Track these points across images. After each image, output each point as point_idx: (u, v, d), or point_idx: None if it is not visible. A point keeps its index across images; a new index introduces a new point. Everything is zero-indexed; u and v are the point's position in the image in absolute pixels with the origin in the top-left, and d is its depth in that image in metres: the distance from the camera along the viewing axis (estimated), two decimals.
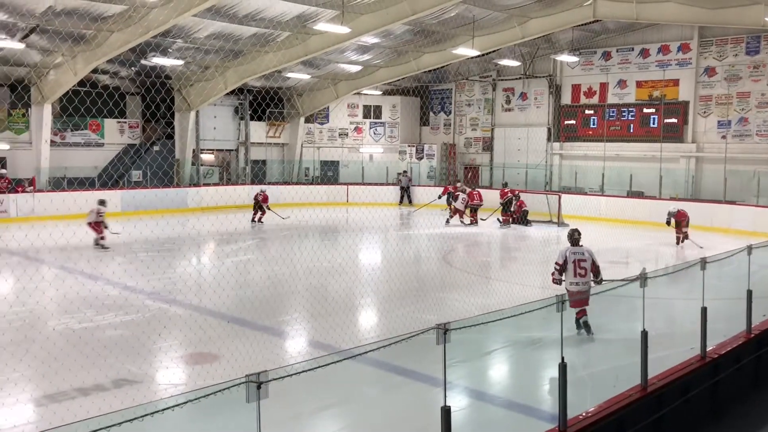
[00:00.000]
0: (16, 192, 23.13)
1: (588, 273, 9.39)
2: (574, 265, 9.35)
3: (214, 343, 8.98)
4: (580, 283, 9.32)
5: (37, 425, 6.42)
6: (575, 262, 9.36)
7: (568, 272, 9.39)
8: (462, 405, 7.02)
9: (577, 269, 9.34)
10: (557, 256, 9.53)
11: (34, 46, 21.67)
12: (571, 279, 9.37)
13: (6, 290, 12.19)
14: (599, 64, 27.86)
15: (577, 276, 9.34)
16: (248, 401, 3.85)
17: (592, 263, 9.41)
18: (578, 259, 9.38)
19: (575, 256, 9.40)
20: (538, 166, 29.21)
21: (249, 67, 25.23)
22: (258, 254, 16.80)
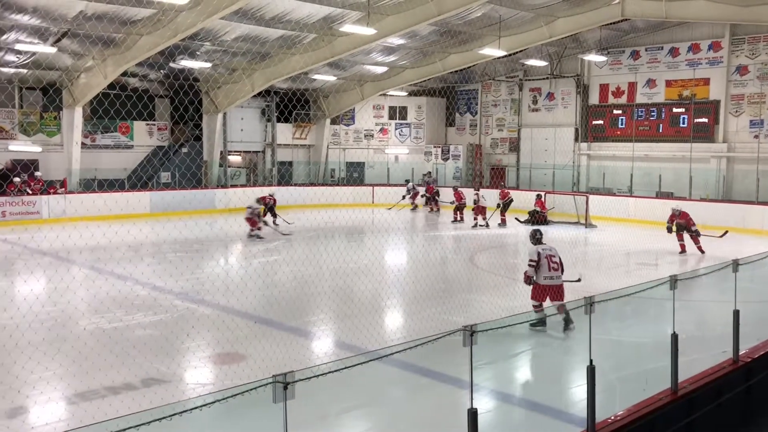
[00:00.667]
0: (48, 194, 23.54)
1: (560, 267, 9.83)
2: (547, 261, 9.76)
3: (241, 343, 9.03)
4: (554, 277, 9.74)
5: (68, 423, 6.52)
6: (548, 258, 9.79)
7: (542, 268, 9.76)
8: (489, 407, 6.97)
9: (550, 264, 9.75)
10: (530, 255, 9.87)
11: (65, 50, 22.04)
12: (545, 273, 9.74)
13: (38, 290, 12.40)
14: (627, 63, 27.54)
15: (551, 270, 9.74)
16: (275, 402, 3.86)
17: (560, 259, 9.90)
18: (549, 255, 9.83)
19: (546, 252, 9.85)
20: (565, 167, 28.95)
21: (276, 69, 25.39)
22: (284, 255, 16.88)
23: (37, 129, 25.72)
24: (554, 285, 9.71)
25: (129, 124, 28.05)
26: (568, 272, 10.11)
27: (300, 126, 31.82)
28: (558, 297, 9.65)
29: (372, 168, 32.85)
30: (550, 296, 9.67)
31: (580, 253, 19.05)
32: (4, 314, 9.90)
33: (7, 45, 20.80)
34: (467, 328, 4.88)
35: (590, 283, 13.06)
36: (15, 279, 13.09)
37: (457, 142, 33.10)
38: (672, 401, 6.35)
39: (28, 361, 7.92)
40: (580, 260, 17.83)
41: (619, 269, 15.50)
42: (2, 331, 9.07)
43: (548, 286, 9.71)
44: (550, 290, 9.71)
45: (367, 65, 27.75)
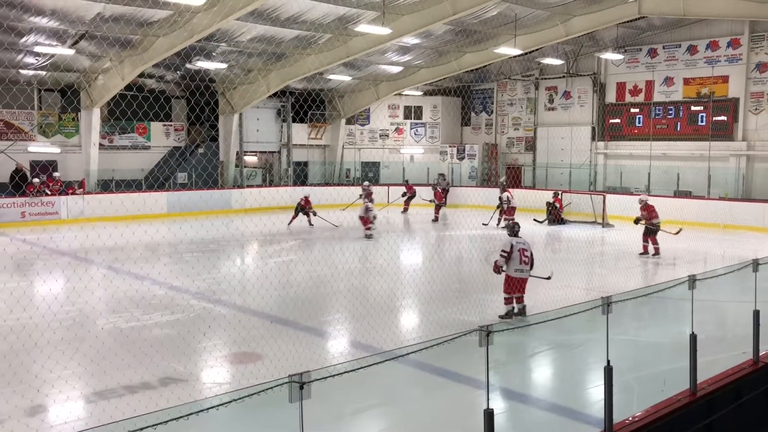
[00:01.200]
0: (66, 194, 23.78)
1: (530, 261, 10.27)
2: (519, 254, 10.19)
3: (257, 342, 9.07)
4: (524, 270, 10.22)
5: (86, 422, 6.58)
6: (520, 251, 10.21)
7: (514, 260, 10.19)
8: (505, 407, 6.95)
9: (522, 257, 10.19)
10: (504, 245, 10.27)
11: (83, 52, 22.25)
12: (516, 266, 10.19)
13: (57, 290, 12.53)
14: (645, 61, 27.32)
15: (522, 263, 10.19)
16: (291, 401, 3.88)
17: (531, 254, 10.32)
18: (522, 248, 10.26)
19: (520, 245, 10.27)
20: (582, 166, 28.79)
21: (291, 69, 25.47)
22: (300, 255, 16.93)
23: (55, 130, 26.00)
24: (523, 278, 10.21)
25: (146, 125, 28.27)
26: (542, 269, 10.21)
27: (315, 126, 31.90)
28: (522, 290, 10.26)
29: (387, 168, 32.85)
30: (516, 288, 10.21)
31: (597, 253, 18.94)
32: (24, 314, 10.01)
33: (26, 47, 21.03)
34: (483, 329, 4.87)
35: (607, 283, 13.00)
36: (34, 279, 13.24)
37: (472, 141, 33.03)
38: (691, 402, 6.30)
39: (47, 360, 8.01)
40: (597, 260, 17.75)
41: (637, 269, 15.39)
42: (22, 330, 9.17)
43: (518, 279, 10.19)
44: (519, 282, 10.20)
45: (383, 65, 27.76)
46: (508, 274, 10.23)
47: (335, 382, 4.17)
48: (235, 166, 29.07)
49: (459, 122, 34.11)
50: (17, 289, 11.26)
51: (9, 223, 21.20)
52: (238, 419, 5.86)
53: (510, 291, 10.26)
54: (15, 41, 20.15)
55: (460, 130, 34.15)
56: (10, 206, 21.85)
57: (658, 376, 7.83)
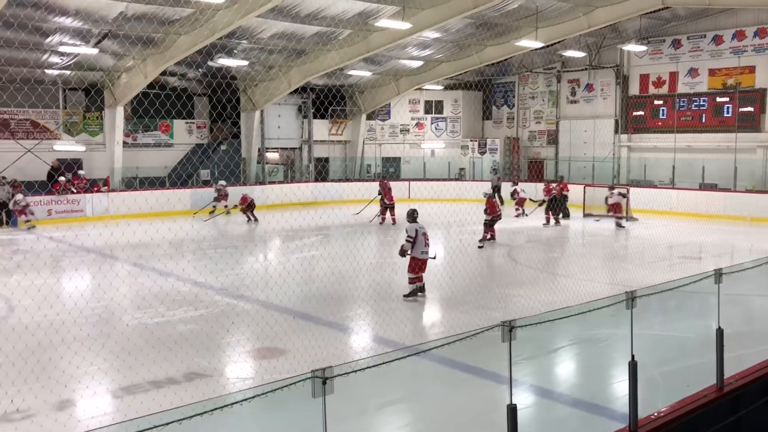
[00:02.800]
0: (91, 192, 24.08)
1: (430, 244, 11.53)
2: (423, 237, 11.38)
3: (280, 338, 9.12)
4: (427, 252, 11.41)
5: (113, 416, 6.67)
6: (424, 235, 11.40)
7: (419, 243, 11.30)
8: (528, 403, 6.92)
9: (426, 240, 11.40)
10: (408, 231, 11.36)
11: (106, 51, 22.49)
12: (422, 249, 11.34)
13: (83, 287, 12.70)
14: (669, 52, 26.96)
15: (426, 246, 11.39)
16: (314, 396, 3.90)
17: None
18: (424, 233, 11.43)
19: (422, 230, 11.44)
20: (605, 159, 28.52)
21: (312, 65, 25.53)
22: (322, 250, 16.99)
23: (80, 129, 26.33)
24: (426, 259, 11.38)
25: (169, 123, 28.51)
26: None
27: (336, 122, 31.95)
28: (424, 270, 11.43)
29: (408, 163, 32.80)
30: (419, 268, 11.30)
31: (621, 247, 18.76)
32: (51, 310, 10.16)
33: (51, 47, 21.31)
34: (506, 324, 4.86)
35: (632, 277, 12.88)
36: (61, 276, 13.43)
37: (494, 135, 32.87)
38: (718, 398, 6.23)
39: (74, 356, 8.13)
40: (621, 254, 17.59)
41: (662, 263, 15.22)
42: (49, 327, 9.32)
43: (423, 260, 11.33)
44: (424, 263, 11.32)
45: (403, 60, 27.71)
46: (414, 256, 11.27)
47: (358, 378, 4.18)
48: (257, 163, 29.22)
49: (480, 116, 33.95)
50: (44, 286, 11.43)
51: (36, 221, 21.53)
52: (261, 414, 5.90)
53: (416, 271, 11.28)
54: (40, 41, 20.43)
55: (481, 124, 33.99)
56: (36, 204, 22.18)
57: (684, 371, 7.75)
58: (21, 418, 6.59)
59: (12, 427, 6.34)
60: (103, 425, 6.06)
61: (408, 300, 11.23)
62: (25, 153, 24.47)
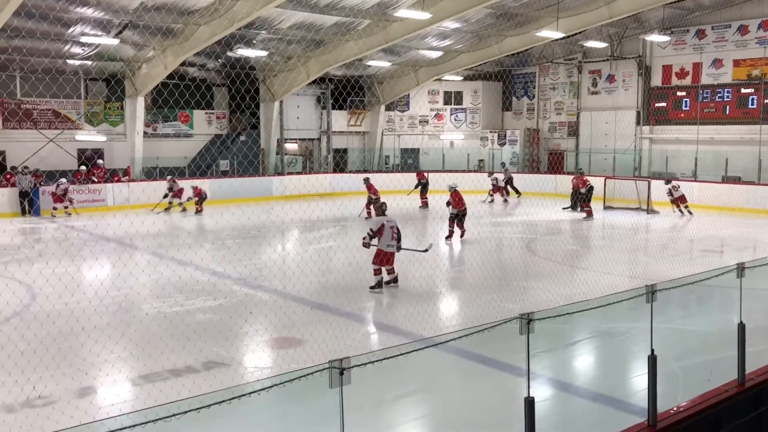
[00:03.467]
0: (112, 182, 24.31)
1: (397, 236, 11.59)
2: (391, 230, 11.48)
3: (298, 328, 9.17)
4: (394, 245, 11.55)
5: (132, 404, 6.75)
6: (392, 228, 11.51)
7: (386, 236, 11.44)
8: (546, 396, 6.90)
9: (393, 233, 11.50)
10: (374, 224, 11.62)
11: (127, 42, 22.65)
12: (388, 242, 11.46)
13: (103, 276, 12.85)
14: (692, 43, 26.59)
15: (393, 239, 11.52)
16: (331, 387, 3.91)
17: (398, 230, 11.64)
18: (392, 226, 11.55)
19: (390, 223, 11.56)
20: (626, 151, 28.25)
21: (330, 56, 25.51)
22: (339, 241, 17.02)
23: (101, 119, 26.57)
24: (392, 252, 11.48)
25: (188, 113, 28.67)
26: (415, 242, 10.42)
27: (355, 113, 31.94)
28: (392, 262, 11.52)
29: (427, 154, 32.72)
30: (386, 260, 11.42)
31: (642, 240, 18.60)
32: (72, 299, 10.29)
33: (72, 38, 21.49)
34: (524, 316, 4.84)
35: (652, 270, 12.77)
36: (81, 265, 13.58)
37: (513, 126, 32.68)
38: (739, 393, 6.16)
39: (94, 344, 8.23)
40: (641, 247, 17.44)
41: (683, 256, 15.07)
42: (70, 315, 9.44)
43: (389, 253, 11.44)
44: (389, 256, 11.44)
45: (422, 50, 27.60)
46: (379, 248, 11.40)
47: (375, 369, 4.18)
48: (275, 154, 29.32)
49: (500, 107, 33.76)
50: (65, 274, 11.57)
51: (74, 209, 21.80)
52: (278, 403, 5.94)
53: (379, 263, 11.37)
54: (62, 32, 20.61)
55: (501, 115, 33.80)
56: None
57: (705, 366, 7.68)
58: (43, 404, 6.69)
59: (34, 413, 6.44)
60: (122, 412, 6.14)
61: (373, 291, 11.28)
62: (48, 143, 24.74)
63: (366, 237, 11.53)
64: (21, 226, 19.86)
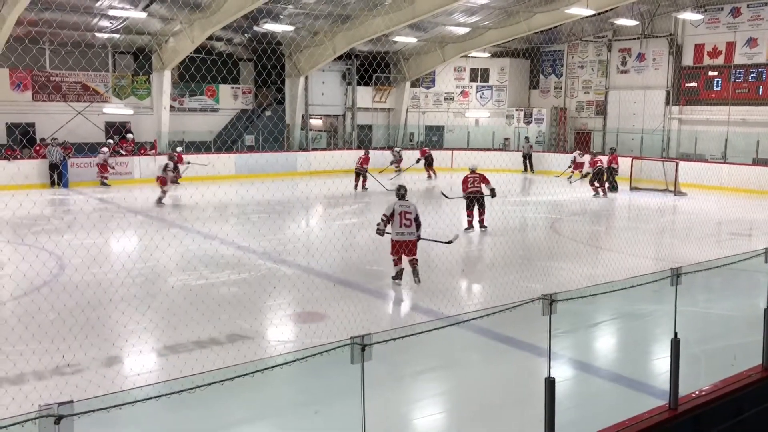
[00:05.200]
0: (139, 155, 24.56)
1: (413, 224, 10.42)
2: (400, 217, 10.37)
3: (320, 303, 9.25)
4: (405, 233, 10.35)
5: (158, 375, 6.89)
6: (401, 214, 10.40)
7: (395, 223, 10.37)
8: (566, 376, 6.90)
9: (402, 220, 10.37)
10: (386, 209, 10.51)
11: (154, 15, 22.71)
12: (397, 229, 10.37)
13: (130, 249, 13.04)
14: (726, 21, 25.97)
15: (403, 226, 10.36)
16: (353, 363, 3.95)
17: (416, 216, 10.49)
18: (404, 211, 10.45)
19: (402, 209, 10.46)
20: (654, 132, 27.82)
21: (357, 31, 25.35)
22: (362, 218, 17.05)
23: (128, 92, 26.74)
24: (405, 240, 10.32)
25: (215, 88, 28.75)
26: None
27: (380, 89, 31.78)
28: (410, 252, 10.36)
29: (452, 132, 32.51)
30: (404, 251, 10.31)
31: (668, 222, 18.39)
32: (99, 270, 10.47)
33: (101, 11, 21.61)
34: (546, 297, 4.82)
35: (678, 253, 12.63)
36: (109, 237, 13.78)
37: (540, 105, 32.29)
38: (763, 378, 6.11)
39: (121, 315, 8.39)
40: (667, 229, 17.25)
41: (710, 239, 14.88)
42: (98, 286, 9.61)
43: (401, 242, 10.31)
44: (403, 245, 10.31)
45: (449, 26, 27.30)
46: (391, 237, 10.49)
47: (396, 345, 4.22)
48: (300, 129, 29.34)
49: (527, 85, 33.36)
50: (93, 246, 11.76)
51: (86, 182, 22.11)
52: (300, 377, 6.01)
53: (394, 253, 10.43)
54: (91, 5, 20.74)
55: (527, 93, 33.41)
56: (86, 166, 22.73)
57: (729, 350, 7.62)
58: (72, 372, 6.85)
59: (63, 381, 6.60)
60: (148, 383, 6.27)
61: (394, 282, 10.44)
62: (76, 115, 25.00)
63: (380, 223, 10.53)
64: (50, 197, 20.18)
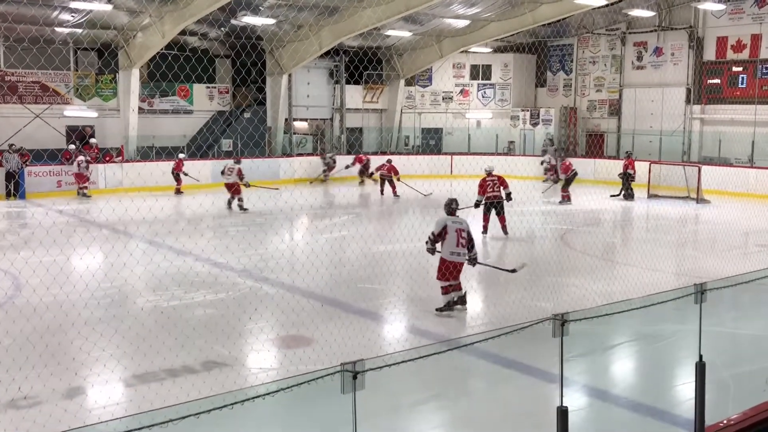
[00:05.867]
0: (104, 162, 24.46)
1: (467, 244, 10.08)
2: (456, 235, 9.99)
3: (306, 326, 9.21)
4: (461, 253, 10.03)
5: (125, 407, 6.82)
6: (458, 232, 10.01)
7: (449, 241, 9.97)
8: (580, 405, 6.89)
9: (459, 239, 9.99)
10: (436, 225, 10.10)
11: (121, 8, 22.73)
12: (452, 248, 9.98)
13: (94, 267, 12.96)
14: (751, 12, 26.21)
15: (459, 246, 10.00)
16: (343, 392, 3.92)
17: (469, 235, 10.14)
18: (459, 229, 10.06)
19: (457, 225, 10.08)
20: (674, 133, 27.99)
21: (345, 25, 25.43)
22: (353, 231, 17.04)
23: (92, 93, 26.72)
24: (458, 262, 10.02)
25: (188, 88, 28.77)
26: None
27: (371, 88, 31.87)
28: (458, 276, 10.04)
29: (451, 135, 32.63)
30: (450, 274, 9.94)
31: (690, 233, 18.46)
32: (60, 291, 10.38)
33: (61, 3, 21.61)
34: (557, 317, 4.82)
35: (702, 267, 12.67)
36: (71, 254, 13.69)
37: (548, 104, 32.46)
38: None
39: (84, 341, 8.31)
40: (690, 240, 17.31)
41: (736, 251, 14.93)
42: (58, 309, 9.54)
43: (454, 263, 9.98)
44: (455, 267, 9.98)
45: (447, 18, 27.44)
46: (442, 256, 10.00)
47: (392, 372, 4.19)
48: (284, 133, 29.36)
49: (533, 83, 33.55)
50: (53, 264, 11.68)
51: (45, 193, 22.00)
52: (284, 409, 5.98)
53: (445, 277, 9.92)
54: None
55: (534, 91, 33.59)
56: (45, 175, 22.65)
57: (759, 374, 7.62)
58: (28, 405, 6.78)
59: (19, 415, 6.53)
60: (114, 416, 6.21)
61: (442, 314, 9.95)
62: (34, 119, 24.93)
63: (427, 241, 10.15)
64: (6, 210, 20.10)
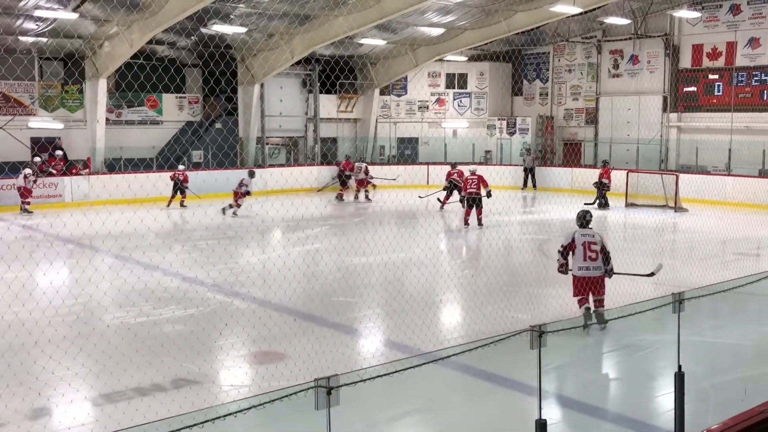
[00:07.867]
0: (70, 175, 24.21)
1: (599, 257, 9.64)
2: (583, 248, 9.62)
3: (279, 341, 9.16)
4: (590, 267, 9.62)
5: (92, 428, 6.73)
6: (585, 245, 9.63)
7: (577, 256, 9.65)
8: (559, 417, 6.92)
9: (587, 252, 9.60)
10: (564, 238, 9.84)
11: (87, 16, 22.56)
12: (580, 263, 9.63)
13: (58, 283, 12.78)
14: (726, 20, 26.67)
15: (587, 259, 9.60)
16: (317, 408, 3.90)
17: (603, 247, 9.68)
18: (588, 242, 9.66)
19: (585, 238, 9.70)
20: (651, 142, 28.34)
21: (318, 33, 25.46)
22: (327, 243, 17.02)
23: (57, 104, 26.47)
24: (591, 277, 9.63)
25: (157, 98, 28.60)
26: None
27: (345, 97, 31.92)
28: (597, 291, 9.62)
29: (427, 144, 32.75)
30: (590, 290, 9.57)
31: (668, 241, 18.67)
32: (23, 309, 10.23)
33: (25, 11, 21.40)
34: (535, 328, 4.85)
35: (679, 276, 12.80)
36: (34, 270, 13.51)
37: (525, 113, 32.72)
38: None
39: (48, 360, 8.19)
40: (667, 249, 17.49)
41: (714, 260, 15.12)
42: (21, 327, 9.39)
43: (585, 278, 9.62)
44: (588, 283, 9.62)
45: (422, 27, 27.60)
46: (573, 273, 9.78)
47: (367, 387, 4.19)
48: (255, 143, 29.27)
49: (509, 92, 33.81)
50: (15, 281, 11.52)
51: (8, 207, 21.68)
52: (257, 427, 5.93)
53: (577, 293, 9.69)
54: (12, 4, 20.54)
55: (510, 100, 33.85)
56: (8, 188, 22.34)
57: (739, 384, 7.71)
58: None
59: None
60: None
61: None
62: None
63: (558, 257, 9.89)
64: None
